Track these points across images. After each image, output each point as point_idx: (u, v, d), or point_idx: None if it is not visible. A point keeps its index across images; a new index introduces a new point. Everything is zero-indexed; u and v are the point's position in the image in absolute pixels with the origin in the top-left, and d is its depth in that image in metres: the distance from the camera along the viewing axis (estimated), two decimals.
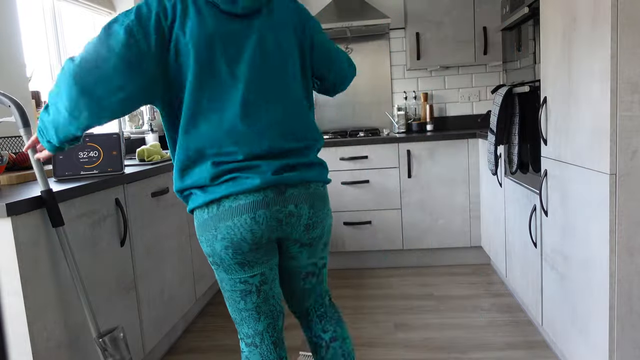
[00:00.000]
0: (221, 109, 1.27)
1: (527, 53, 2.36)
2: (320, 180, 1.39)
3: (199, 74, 1.25)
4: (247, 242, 1.29)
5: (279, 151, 1.32)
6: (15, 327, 1.40)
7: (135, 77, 1.21)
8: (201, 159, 1.29)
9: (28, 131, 1.47)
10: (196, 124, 1.27)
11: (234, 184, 1.26)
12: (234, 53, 1.29)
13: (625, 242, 1.51)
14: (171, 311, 2.36)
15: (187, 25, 1.24)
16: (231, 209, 1.26)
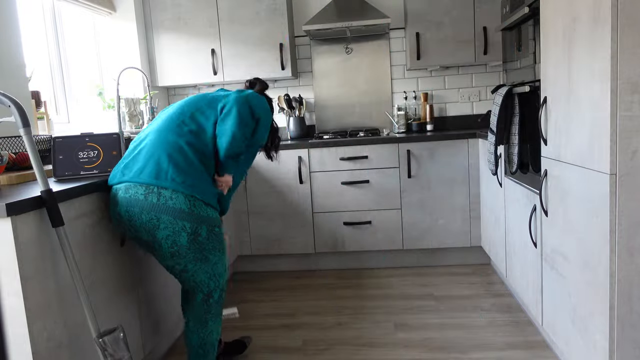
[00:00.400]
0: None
1: (527, 53, 2.36)
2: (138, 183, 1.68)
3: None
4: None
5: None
6: (15, 327, 1.40)
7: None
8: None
9: (28, 131, 1.47)
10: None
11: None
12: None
13: (625, 242, 1.51)
14: (171, 311, 2.36)
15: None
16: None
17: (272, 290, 3.21)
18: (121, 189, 1.70)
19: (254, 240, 3.49)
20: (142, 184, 1.67)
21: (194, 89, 4.08)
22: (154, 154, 1.71)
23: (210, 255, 1.79)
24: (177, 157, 1.71)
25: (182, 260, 1.75)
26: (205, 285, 1.83)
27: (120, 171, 1.74)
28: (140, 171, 1.69)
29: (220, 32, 3.62)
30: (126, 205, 1.68)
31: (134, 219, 1.69)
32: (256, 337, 2.54)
